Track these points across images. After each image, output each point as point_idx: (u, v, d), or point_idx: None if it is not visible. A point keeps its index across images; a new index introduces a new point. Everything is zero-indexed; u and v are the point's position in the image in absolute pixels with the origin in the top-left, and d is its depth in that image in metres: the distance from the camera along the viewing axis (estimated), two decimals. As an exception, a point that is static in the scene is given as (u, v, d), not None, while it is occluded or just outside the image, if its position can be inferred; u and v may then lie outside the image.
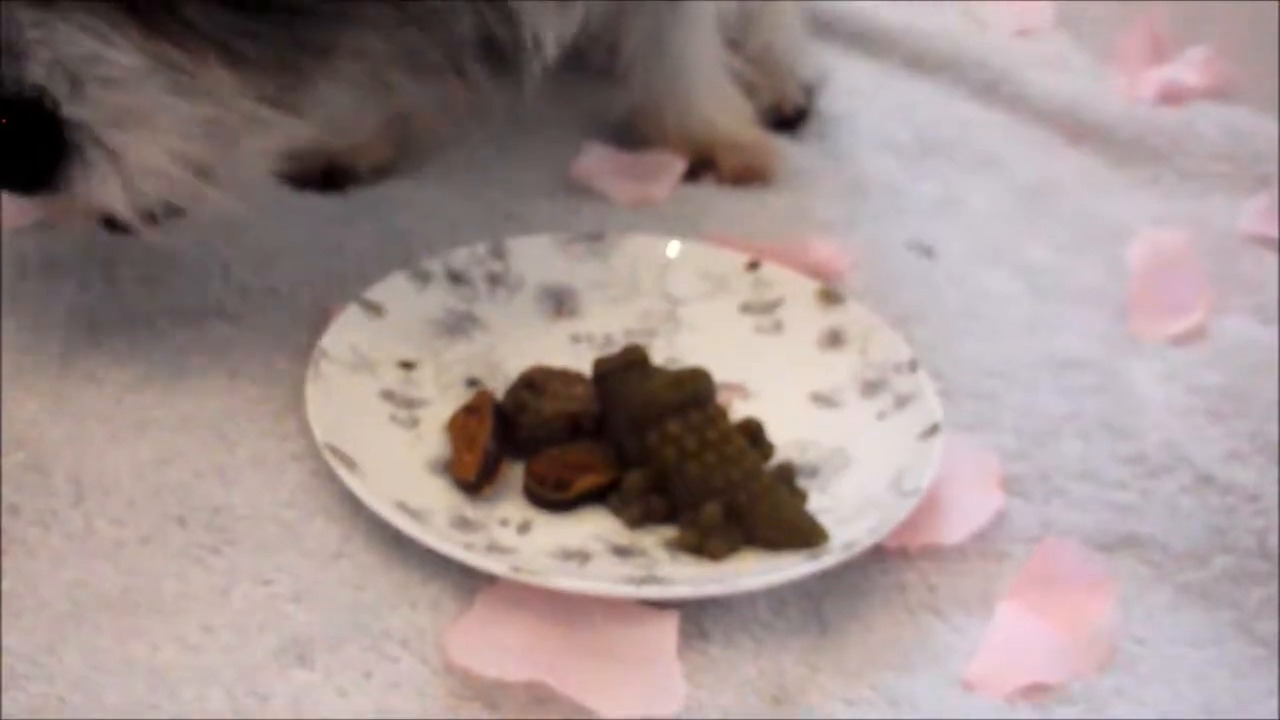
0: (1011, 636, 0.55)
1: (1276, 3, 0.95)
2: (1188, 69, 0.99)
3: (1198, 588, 0.59)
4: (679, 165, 0.86)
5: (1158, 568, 0.60)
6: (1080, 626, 0.56)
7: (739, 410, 0.63)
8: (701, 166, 0.88)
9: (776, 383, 0.66)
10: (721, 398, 0.61)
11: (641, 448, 0.58)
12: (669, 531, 0.57)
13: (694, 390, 0.59)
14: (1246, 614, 0.58)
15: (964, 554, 0.59)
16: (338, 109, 0.67)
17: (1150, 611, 0.57)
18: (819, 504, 0.58)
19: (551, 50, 0.65)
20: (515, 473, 0.59)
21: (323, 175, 0.80)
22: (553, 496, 0.58)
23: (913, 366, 0.65)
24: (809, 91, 0.97)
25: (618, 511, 0.58)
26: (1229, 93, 0.98)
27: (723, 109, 0.89)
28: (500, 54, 0.63)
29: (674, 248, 0.73)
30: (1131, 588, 0.58)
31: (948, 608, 0.57)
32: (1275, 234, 0.84)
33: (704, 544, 0.56)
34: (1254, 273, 0.80)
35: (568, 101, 0.93)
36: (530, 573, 0.52)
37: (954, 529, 0.60)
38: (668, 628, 0.53)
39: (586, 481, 0.58)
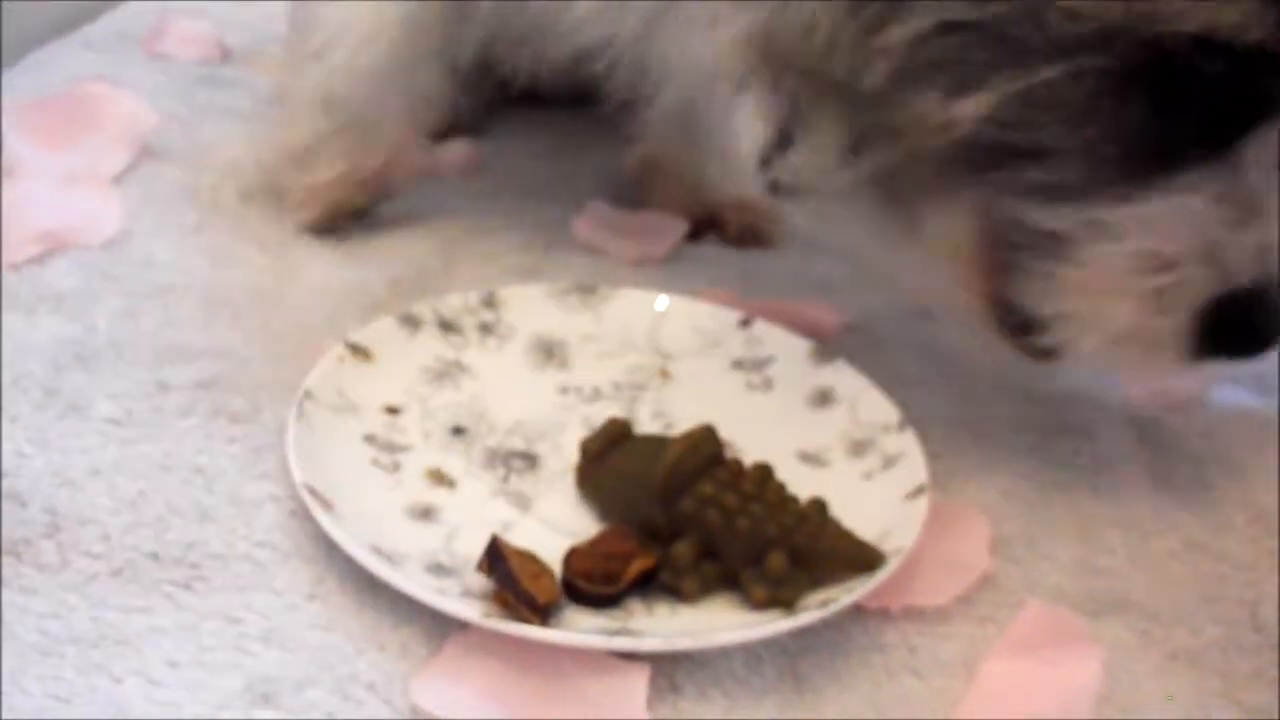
0: (993, 701, 0.54)
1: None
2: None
3: (1186, 656, 0.58)
4: (682, 226, 0.87)
5: (1145, 635, 0.58)
6: (1064, 692, 0.55)
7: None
8: (704, 228, 0.89)
9: (764, 439, 0.65)
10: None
11: (674, 518, 0.56)
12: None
13: (710, 450, 0.58)
14: (1235, 684, 0.56)
15: (947, 616, 0.58)
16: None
17: (1136, 679, 0.56)
18: (801, 560, 0.57)
19: None
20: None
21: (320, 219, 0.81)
22: (604, 591, 0.55)
23: (901, 427, 0.64)
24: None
25: (674, 587, 0.55)
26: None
27: (731, 174, 0.90)
28: None
29: (667, 302, 0.73)
30: (1118, 654, 0.57)
31: (928, 669, 0.55)
32: (1277, 305, 0.83)
33: (778, 595, 0.54)
34: (1254, 343, 0.79)
35: (572, 158, 0.94)
36: (500, 620, 0.51)
37: (938, 590, 0.58)
38: (638, 680, 0.52)
39: (637, 567, 0.55)
